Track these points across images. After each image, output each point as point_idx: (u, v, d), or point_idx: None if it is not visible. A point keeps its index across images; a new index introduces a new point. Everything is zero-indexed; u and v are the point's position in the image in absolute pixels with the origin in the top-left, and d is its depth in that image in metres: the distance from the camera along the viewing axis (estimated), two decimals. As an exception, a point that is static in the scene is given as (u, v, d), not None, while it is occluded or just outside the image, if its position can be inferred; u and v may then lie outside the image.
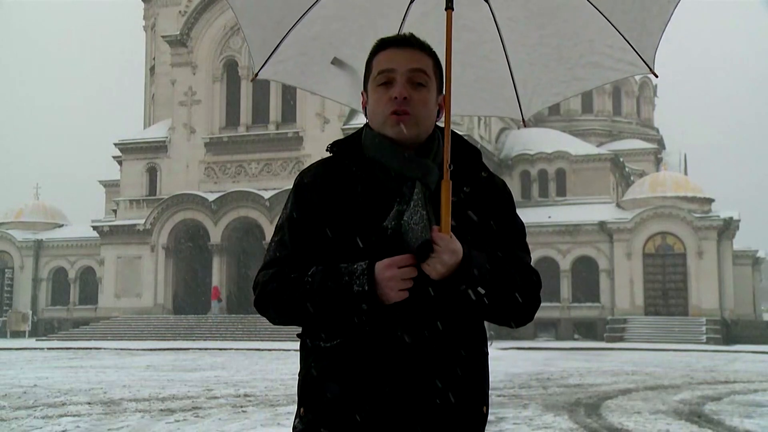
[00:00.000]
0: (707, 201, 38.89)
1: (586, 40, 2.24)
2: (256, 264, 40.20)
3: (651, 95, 58.93)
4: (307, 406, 1.86)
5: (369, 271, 1.73)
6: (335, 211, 1.83)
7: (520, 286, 1.84)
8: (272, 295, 1.84)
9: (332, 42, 2.31)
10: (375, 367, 1.78)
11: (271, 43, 2.25)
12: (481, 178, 1.94)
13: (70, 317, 42.83)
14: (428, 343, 1.80)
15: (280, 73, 2.35)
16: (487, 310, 1.84)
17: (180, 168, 41.05)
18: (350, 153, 1.92)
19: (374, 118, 1.90)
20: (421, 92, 1.87)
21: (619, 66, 2.26)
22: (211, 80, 41.50)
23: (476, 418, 1.87)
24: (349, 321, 1.77)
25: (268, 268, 1.88)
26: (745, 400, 12.08)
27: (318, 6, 2.20)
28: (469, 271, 1.74)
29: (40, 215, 47.70)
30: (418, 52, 1.90)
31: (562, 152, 43.51)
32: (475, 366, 1.88)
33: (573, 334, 36.63)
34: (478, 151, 1.98)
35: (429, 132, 1.90)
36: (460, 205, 1.86)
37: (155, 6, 48.88)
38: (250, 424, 9.23)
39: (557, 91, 2.38)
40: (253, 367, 19.49)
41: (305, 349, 1.90)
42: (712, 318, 34.98)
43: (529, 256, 1.97)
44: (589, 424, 9.30)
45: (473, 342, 1.88)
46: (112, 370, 18.34)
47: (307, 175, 1.93)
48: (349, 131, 42.89)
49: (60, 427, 8.90)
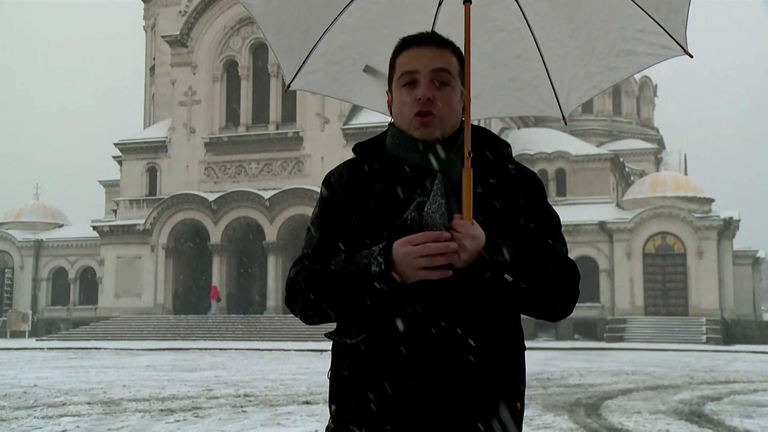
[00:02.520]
0: (707, 201, 38.88)
1: (616, 28, 2.21)
2: (256, 264, 40.28)
3: (651, 95, 58.94)
4: (337, 403, 1.88)
5: (386, 250, 1.73)
6: (359, 207, 1.85)
7: (551, 275, 1.80)
8: (300, 289, 1.86)
9: (362, 50, 2.31)
10: (402, 362, 1.77)
11: (300, 54, 2.26)
12: (509, 170, 1.93)
13: (70, 317, 42.84)
14: (457, 337, 1.78)
15: (312, 84, 2.36)
16: (518, 301, 1.81)
17: (180, 168, 41.05)
18: (373, 152, 1.94)
19: (399, 118, 1.92)
20: (444, 91, 1.87)
21: (652, 50, 2.22)
22: (211, 80, 41.50)
23: (511, 415, 1.83)
24: (371, 306, 1.76)
25: (297, 266, 1.91)
26: (745, 400, 12.07)
27: (344, 15, 2.21)
28: (493, 257, 1.73)
29: (40, 215, 47.70)
30: (441, 49, 1.90)
31: (562, 152, 43.51)
32: (509, 360, 1.85)
33: (573, 334, 36.61)
34: (506, 144, 1.98)
35: (455, 129, 1.91)
36: (486, 196, 1.85)
37: (155, 6, 48.89)
38: (250, 424, 9.22)
39: (594, 84, 2.34)
40: (253, 367, 19.49)
41: (334, 347, 1.92)
42: (712, 318, 34.97)
43: (566, 247, 1.93)
44: (589, 424, 9.29)
45: (507, 335, 1.85)
46: (112, 370, 18.33)
47: (333, 175, 1.96)
48: (349, 131, 42.67)
49: (60, 427, 8.90)
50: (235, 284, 40.20)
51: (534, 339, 35.12)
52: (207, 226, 39.40)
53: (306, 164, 39.34)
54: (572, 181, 43.24)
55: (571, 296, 1.86)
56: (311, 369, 18.39)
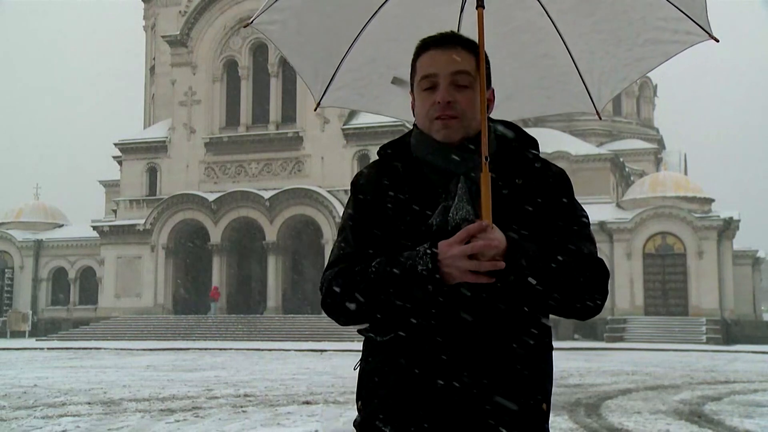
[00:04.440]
0: (707, 201, 38.89)
1: (638, 18, 2.21)
2: (256, 264, 40.28)
3: (651, 95, 58.95)
4: (364, 400, 1.89)
5: (432, 251, 1.72)
6: (387, 210, 1.85)
7: (577, 277, 1.79)
8: (341, 291, 1.85)
9: (388, 63, 2.33)
10: (429, 361, 1.78)
11: (326, 73, 2.29)
12: (535, 169, 1.92)
13: (70, 317, 42.79)
14: (483, 338, 1.78)
15: (341, 100, 2.39)
16: (544, 302, 1.80)
17: (180, 168, 41.04)
18: (399, 154, 1.94)
19: (421, 121, 1.92)
20: (465, 93, 1.87)
21: (677, 38, 2.21)
22: (211, 80, 41.49)
23: (536, 415, 1.83)
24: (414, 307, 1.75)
25: (333, 267, 1.89)
26: (745, 400, 12.07)
27: (366, 32, 2.23)
28: (516, 261, 1.72)
29: (40, 215, 47.68)
30: (460, 50, 1.90)
31: (562, 152, 43.53)
32: (535, 361, 1.84)
33: (573, 334, 36.60)
34: (533, 140, 1.97)
35: (478, 129, 1.89)
36: (513, 197, 1.85)
37: (155, 6, 48.89)
38: (250, 424, 9.23)
39: (623, 76, 2.34)
40: (253, 367, 19.49)
41: (365, 342, 1.92)
42: (712, 318, 34.97)
43: (594, 246, 1.90)
44: (589, 424, 9.30)
45: (533, 336, 1.84)
46: (112, 370, 18.33)
47: (362, 177, 1.96)
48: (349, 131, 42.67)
49: (60, 427, 8.90)
50: (235, 284, 40.18)
51: (534, 339, 35.08)
52: (207, 226, 39.40)
53: (306, 164, 39.34)
54: (572, 180, 43.05)
55: (599, 296, 1.84)
56: (311, 369, 18.40)
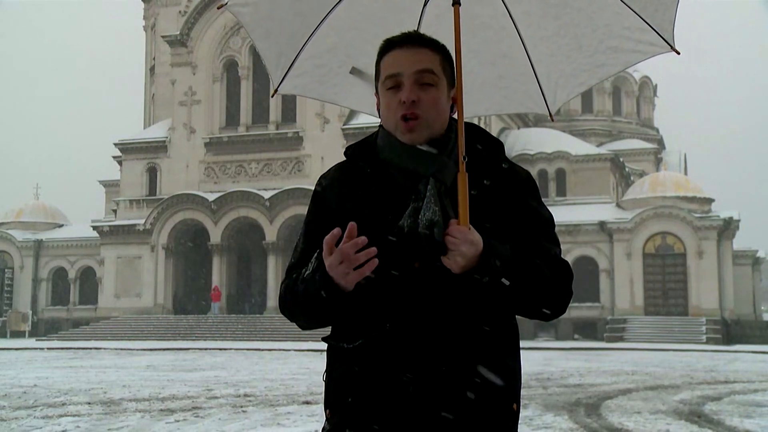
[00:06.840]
0: (707, 201, 38.89)
1: (602, 25, 2.21)
2: (256, 264, 40.30)
3: (651, 95, 58.94)
4: (332, 408, 1.87)
5: (318, 259, 1.76)
6: (351, 212, 1.83)
7: (547, 278, 1.80)
8: (286, 300, 1.88)
9: (349, 52, 2.30)
10: (397, 367, 1.77)
11: (287, 58, 2.25)
12: (502, 170, 1.91)
13: (70, 317, 42.80)
14: (452, 341, 1.77)
15: (300, 87, 2.35)
16: (514, 303, 1.80)
17: (180, 168, 41.05)
18: (365, 155, 1.92)
19: (386, 121, 1.91)
20: (429, 92, 1.85)
21: (639, 47, 2.22)
22: (211, 80, 41.51)
23: (506, 416, 1.83)
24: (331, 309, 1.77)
25: (287, 274, 1.92)
26: (745, 400, 12.07)
27: (330, 18, 2.20)
28: (490, 262, 1.72)
29: (40, 215, 47.67)
30: (424, 50, 1.88)
31: (562, 152, 43.50)
32: (504, 361, 1.84)
33: (573, 334, 36.61)
34: (499, 142, 1.96)
35: (443, 129, 1.88)
36: (481, 198, 1.84)
37: (155, 6, 48.90)
38: (250, 424, 9.22)
39: (581, 81, 2.34)
40: (253, 367, 19.49)
41: (329, 351, 1.91)
42: (712, 318, 34.97)
43: (559, 247, 1.91)
44: (589, 424, 9.29)
45: (503, 337, 1.85)
46: (112, 370, 18.33)
47: (324, 180, 1.95)
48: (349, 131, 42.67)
49: (60, 427, 8.90)
50: (235, 284, 40.20)
51: (534, 339, 35.12)
52: (207, 226, 39.41)
53: (306, 164, 39.35)
54: (572, 181, 43.24)
55: (565, 297, 1.86)
56: (311, 369, 18.39)
